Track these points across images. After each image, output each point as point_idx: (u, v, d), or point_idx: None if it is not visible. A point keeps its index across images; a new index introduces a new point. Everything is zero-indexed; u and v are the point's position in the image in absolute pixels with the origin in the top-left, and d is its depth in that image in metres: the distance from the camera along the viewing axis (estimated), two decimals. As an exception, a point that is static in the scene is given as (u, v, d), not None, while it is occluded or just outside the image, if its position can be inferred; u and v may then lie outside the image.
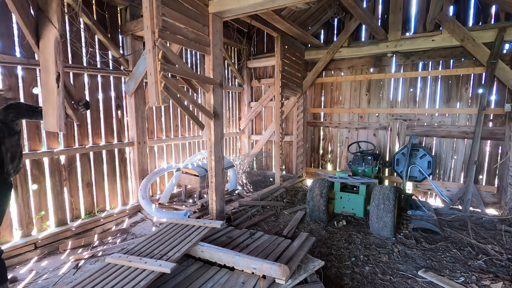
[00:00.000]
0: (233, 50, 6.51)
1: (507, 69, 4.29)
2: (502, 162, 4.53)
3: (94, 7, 3.81)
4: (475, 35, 4.44)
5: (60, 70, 1.85)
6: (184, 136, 5.36)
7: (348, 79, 5.81)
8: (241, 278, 2.38)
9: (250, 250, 2.79)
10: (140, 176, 4.39)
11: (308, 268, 2.49)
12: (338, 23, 5.83)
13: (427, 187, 5.19)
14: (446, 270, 2.87)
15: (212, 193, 3.57)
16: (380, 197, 3.56)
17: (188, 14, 2.97)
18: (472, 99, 4.80)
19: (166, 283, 2.35)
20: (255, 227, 3.90)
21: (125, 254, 2.42)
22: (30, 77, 3.25)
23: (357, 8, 4.03)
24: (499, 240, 3.52)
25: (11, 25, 3.10)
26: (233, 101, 6.71)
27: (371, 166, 4.42)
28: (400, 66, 5.32)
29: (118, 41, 4.16)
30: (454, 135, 4.93)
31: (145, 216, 4.24)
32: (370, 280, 2.72)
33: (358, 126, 5.80)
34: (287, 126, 6.53)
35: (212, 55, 3.33)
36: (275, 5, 3.07)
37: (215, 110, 3.43)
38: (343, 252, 3.25)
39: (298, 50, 5.78)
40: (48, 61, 1.85)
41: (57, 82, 1.84)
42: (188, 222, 3.09)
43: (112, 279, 2.14)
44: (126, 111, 4.33)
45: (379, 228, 3.55)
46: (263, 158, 6.87)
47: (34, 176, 3.32)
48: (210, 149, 3.50)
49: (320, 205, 3.96)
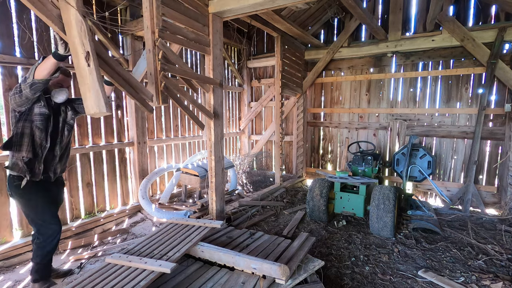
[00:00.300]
0: (233, 50, 6.51)
1: (507, 69, 4.29)
2: (502, 162, 4.53)
3: (94, 7, 3.81)
4: (475, 35, 4.44)
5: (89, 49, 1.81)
6: (184, 136, 5.36)
7: (348, 79, 5.81)
8: (241, 278, 2.38)
9: (250, 250, 2.79)
10: (140, 176, 4.39)
11: (308, 268, 2.49)
12: (338, 23, 5.84)
13: (427, 187, 5.20)
14: (446, 270, 2.87)
15: (212, 193, 3.57)
16: (380, 197, 3.56)
17: (188, 14, 2.97)
18: (472, 99, 4.80)
19: (166, 283, 2.35)
20: (255, 227, 3.90)
21: (125, 254, 2.41)
22: (30, 77, 3.24)
23: (357, 8, 4.03)
24: (499, 240, 3.52)
25: (11, 25, 3.10)
26: (233, 101, 6.72)
27: (371, 166, 4.42)
28: (400, 66, 5.32)
29: (118, 41, 4.16)
30: (454, 135, 4.93)
31: (145, 216, 4.24)
32: (370, 280, 2.72)
33: (358, 126, 5.80)
34: (287, 126, 6.53)
35: (212, 55, 3.33)
36: (275, 5, 3.07)
37: (215, 110, 3.43)
38: (343, 252, 3.25)
39: (298, 50, 5.78)
40: (75, 43, 1.80)
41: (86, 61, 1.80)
42: (188, 222, 3.09)
43: (112, 279, 2.14)
44: (126, 111, 4.33)
45: (379, 228, 3.55)
46: (263, 158, 6.87)
47: (34, 176, 3.31)
48: (210, 149, 3.50)
49: (320, 205, 3.96)
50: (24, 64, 3.16)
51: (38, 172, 2.34)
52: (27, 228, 3.27)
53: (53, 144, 2.43)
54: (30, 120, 2.28)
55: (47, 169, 2.43)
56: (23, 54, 3.17)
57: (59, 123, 2.48)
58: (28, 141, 2.27)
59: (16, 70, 3.13)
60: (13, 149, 2.27)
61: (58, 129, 2.46)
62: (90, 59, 1.80)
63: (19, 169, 2.27)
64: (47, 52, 3.33)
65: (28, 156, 2.27)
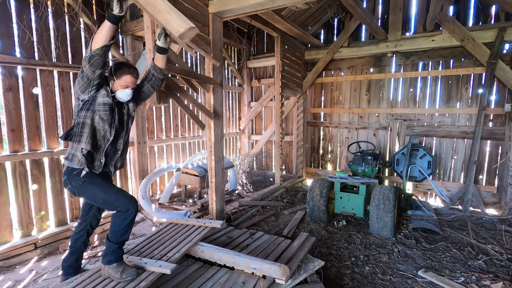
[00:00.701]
0: (233, 50, 6.51)
1: (507, 69, 4.29)
2: (502, 162, 4.53)
3: (94, 7, 3.81)
4: (475, 35, 4.44)
5: None
6: (184, 136, 5.35)
7: (348, 79, 5.81)
8: (241, 278, 2.38)
9: (250, 250, 2.79)
10: (140, 176, 4.39)
11: (308, 268, 2.49)
12: (338, 23, 5.83)
13: (427, 187, 5.20)
14: (446, 270, 2.87)
15: (212, 193, 3.57)
16: (380, 197, 3.56)
17: (188, 14, 2.97)
18: (472, 99, 4.80)
19: (166, 283, 2.35)
20: (255, 227, 3.90)
21: (125, 254, 2.41)
22: (30, 77, 3.25)
23: (357, 8, 4.03)
24: (499, 240, 3.52)
25: (11, 25, 3.09)
26: (233, 101, 6.71)
27: (371, 166, 4.42)
28: (400, 66, 5.32)
29: (118, 41, 4.16)
30: (454, 135, 4.93)
31: (145, 216, 4.24)
32: (370, 280, 2.72)
33: (358, 126, 5.80)
34: (287, 126, 6.53)
35: (212, 55, 3.33)
36: (275, 5, 3.07)
37: (215, 110, 3.43)
38: (343, 252, 3.25)
39: (298, 50, 5.78)
40: None
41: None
42: (188, 222, 3.09)
43: (112, 280, 2.14)
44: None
45: (379, 228, 3.55)
46: (263, 158, 6.87)
47: (34, 176, 3.32)
48: (210, 149, 3.50)
49: (320, 205, 3.96)
50: (24, 64, 3.16)
51: (99, 165, 2.23)
52: (27, 228, 3.27)
53: (117, 137, 2.31)
54: (93, 110, 2.15)
55: (108, 163, 2.31)
56: (23, 54, 3.17)
57: (124, 116, 2.35)
58: (89, 132, 2.14)
59: (16, 70, 3.13)
60: (73, 139, 2.16)
61: (123, 122, 2.34)
62: None
63: (78, 161, 2.14)
64: (47, 52, 3.33)
65: (87, 148, 2.13)
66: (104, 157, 2.25)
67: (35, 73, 3.28)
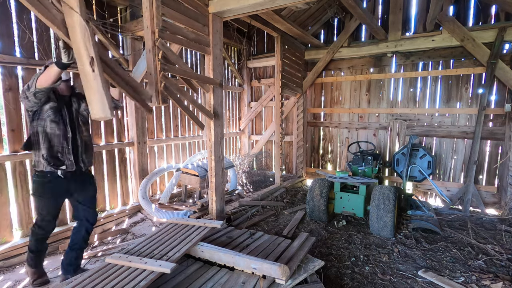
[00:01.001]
0: (233, 50, 6.51)
1: (507, 69, 4.29)
2: (502, 162, 4.53)
3: (94, 7, 3.81)
4: (475, 35, 4.44)
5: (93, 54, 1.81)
6: (184, 136, 5.35)
7: (348, 79, 5.81)
8: (241, 278, 2.38)
9: (250, 250, 2.79)
10: (140, 176, 4.39)
11: (308, 268, 2.49)
12: (338, 23, 5.83)
13: (427, 187, 5.19)
14: (446, 270, 2.87)
15: (212, 193, 3.57)
16: (380, 197, 3.56)
17: (188, 14, 2.97)
18: (472, 99, 4.80)
19: (166, 283, 2.34)
20: (255, 227, 3.90)
21: (125, 254, 2.41)
22: (30, 77, 3.23)
23: (357, 8, 4.03)
24: (499, 240, 3.52)
25: (11, 25, 3.09)
26: (233, 101, 6.71)
27: (371, 166, 4.42)
28: (400, 66, 5.32)
29: (118, 41, 4.16)
30: (454, 135, 4.93)
31: (145, 216, 4.24)
32: (370, 280, 2.72)
33: (358, 126, 5.80)
34: (287, 126, 6.53)
35: (212, 55, 3.33)
36: (275, 5, 3.07)
37: (215, 110, 3.43)
38: (343, 252, 3.25)
39: (298, 50, 5.78)
40: (80, 49, 1.81)
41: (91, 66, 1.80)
42: (188, 222, 3.09)
43: (112, 279, 2.14)
44: (126, 111, 4.33)
45: (379, 228, 3.55)
46: (263, 158, 6.87)
47: (34, 176, 3.31)
48: (210, 149, 3.50)
49: (320, 205, 3.95)
50: (24, 64, 3.16)
51: (71, 163, 2.41)
52: (27, 228, 3.27)
53: (74, 134, 2.47)
54: (43, 118, 2.32)
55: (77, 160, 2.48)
56: (23, 54, 3.17)
57: (73, 113, 2.50)
58: (44, 138, 2.32)
59: (16, 70, 3.13)
60: (34, 147, 2.35)
61: (73, 119, 2.50)
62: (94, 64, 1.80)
63: (44, 167, 2.33)
64: (47, 52, 3.33)
65: (48, 153, 2.32)
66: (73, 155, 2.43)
67: (35, 73, 3.28)
